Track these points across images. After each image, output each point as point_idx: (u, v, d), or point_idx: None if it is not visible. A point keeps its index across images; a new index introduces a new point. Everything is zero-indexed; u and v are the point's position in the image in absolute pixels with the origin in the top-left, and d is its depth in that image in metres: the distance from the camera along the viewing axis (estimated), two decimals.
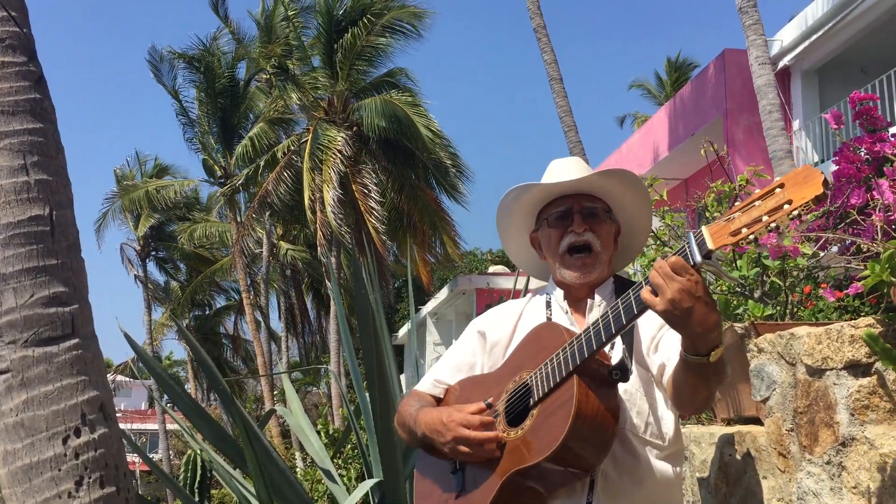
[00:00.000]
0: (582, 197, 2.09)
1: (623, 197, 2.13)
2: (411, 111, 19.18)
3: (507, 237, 2.26)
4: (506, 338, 2.15)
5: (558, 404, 1.79)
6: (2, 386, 2.25)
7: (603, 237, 2.07)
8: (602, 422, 1.78)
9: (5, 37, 2.40)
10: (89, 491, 2.23)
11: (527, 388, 1.90)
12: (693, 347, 1.69)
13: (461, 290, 21.73)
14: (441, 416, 1.97)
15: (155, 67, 24.41)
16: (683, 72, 26.65)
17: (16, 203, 2.31)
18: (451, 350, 2.27)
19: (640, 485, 1.91)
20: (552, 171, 2.15)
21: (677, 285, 1.62)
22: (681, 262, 1.63)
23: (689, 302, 1.62)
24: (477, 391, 2.06)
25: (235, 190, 22.59)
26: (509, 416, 1.91)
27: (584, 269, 2.05)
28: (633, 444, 1.92)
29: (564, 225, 2.07)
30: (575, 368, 1.78)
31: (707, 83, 14.59)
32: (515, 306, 2.22)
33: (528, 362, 1.93)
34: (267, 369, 24.79)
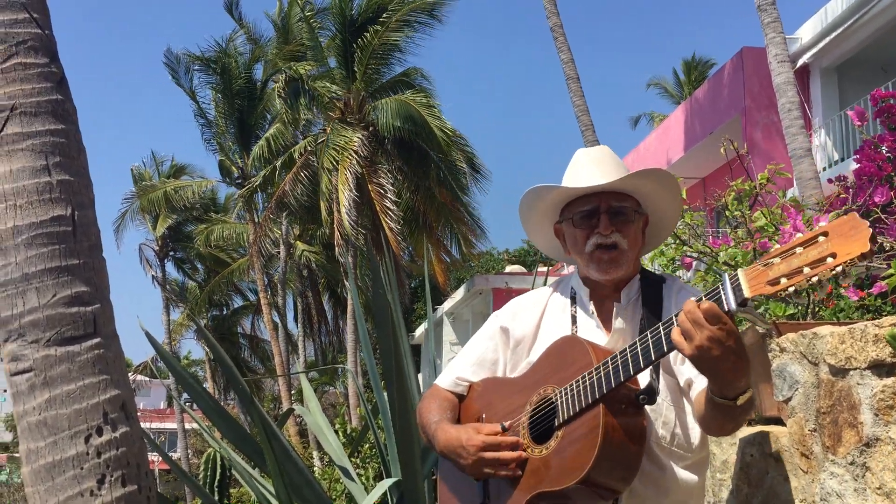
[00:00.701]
0: (609, 195, 2.00)
1: (654, 193, 2.06)
2: (426, 111, 19.18)
3: (530, 228, 2.20)
4: (530, 335, 2.10)
5: (584, 431, 1.76)
6: (25, 385, 2.27)
7: (630, 237, 2.00)
8: (627, 453, 1.76)
9: (27, 38, 2.42)
10: (111, 489, 2.24)
11: (551, 406, 1.86)
12: (719, 392, 1.66)
13: (478, 289, 21.71)
14: (460, 437, 1.94)
15: (172, 69, 24.57)
16: (701, 70, 26.52)
17: (38, 203, 2.33)
18: (472, 345, 2.22)
19: (665, 495, 1.88)
20: (579, 166, 2.07)
21: (707, 333, 1.57)
22: (713, 310, 1.56)
23: (718, 351, 1.57)
24: (499, 395, 2.04)
25: (253, 190, 22.69)
26: (534, 432, 1.88)
27: (611, 264, 1.98)
28: (658, 455, 1.89)
29: (591, 225, 2.00)
30: (601, 396, 1.75)
31: (725, 81, 14.50)
32: (538, 299, 2.16)
33: (552, 376, 1.90)
34: (284, 369, 24.90)
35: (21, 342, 2.27)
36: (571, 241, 2.06)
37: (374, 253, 16.61)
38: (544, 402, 1.88)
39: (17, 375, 2.28)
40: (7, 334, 2.29)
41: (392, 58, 20.29)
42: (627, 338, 1.95)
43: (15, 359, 2.28)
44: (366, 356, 4.52)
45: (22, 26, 2.42)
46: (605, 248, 1.98)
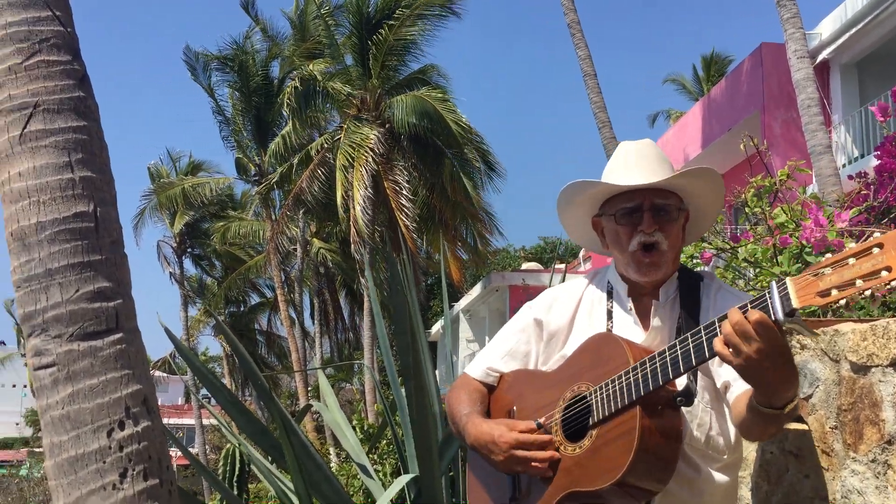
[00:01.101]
0: (653, 192, 1.96)
1: (698, 191, 2.02)
2: (441, 107, 19.18)
3: (566, 219, 2.16)
4: (564, 328, 2.07)
5: (619, 433, 1.75)
6: (48, 379, 2.29)
7: (672, 236, 1.96)
8: (664, 453, 1.75)
9: (50, 36, 2.44)
10: (133, 483, 2.26)
11: (585, 404, 1.85)
12: (766, 402, 1.62)
13: (494, 287, 21.72)
14: (492, 433, 1.92)
15: (191, 67, 24.73)
16: (720, 66, 26.36)
17: (61, 200, 2.34)
18: (504, 335, 2.18)
19: (699, 497, 1.87)
20: (624, 160, 2.02)
21: (756, 346, 1.52)
22: (764, 322, 1.51)
23: (767, 363, 1.54)
24: (531, 388, 2.02)
25: (270, 187, 22.78)
26: (566, 429, 1.87)
27: (651, 267, 1.95)
28: (692, 457, 1.87)
29: (633, 223, 1.95)
30: (638, 399, 1.73)
31: (744, 78, 14.40)
32: (573, 291, 2.13)
33: (587, 373, 1.88)
34: (301, 365, 24.99)
35: (44, 337, 2.29)
36: (613, 237, 2.02)
37: (391, 250, 16.64)
38: (578, 400, 1.86)
39: (41, 370, 2.30)
40: (31, 329, 2.31)
41: (408, 54, 20.30)
42: (665, 336, 1.93)
43: (38, 353, 2.30)
44: (383, 353, 4.53)
45: (45, 24, 2.44)
46: (647, 250, 1.94)
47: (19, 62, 2.39)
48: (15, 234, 2.35)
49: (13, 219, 2.35)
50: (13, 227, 2.35)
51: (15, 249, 2.35)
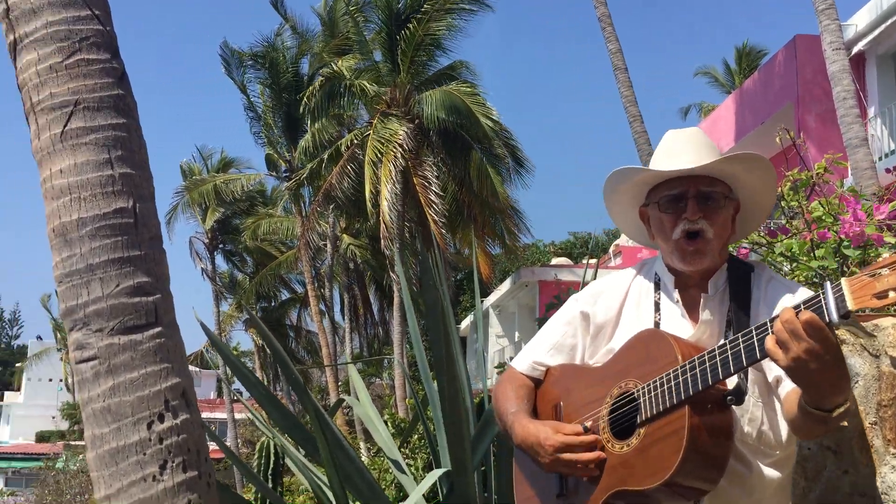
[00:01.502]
0: (699, 179, 1.91)
1: (746, 179, 1.96)
2: (471, 101, 19.16)
3: (613, 208, 2.13)
4: (611, 321, 2.03)
5: (668, 432, 1.73)
6: (90, 372, 2.33)
7: (718, 224, 1.91)
8: (714, 454, 1.72)
9: (90, 35, 2.48)
10: (173, 475, 2.30)
11: (633, 402, 1.82)
12: (815, 403, 1.59)
13: (524, 282, 21.68)
14: (538, 435, 1.90)
15: (226, 62, 25.01)
16: (753, 59, 26.05)
17: (101, 196, 2.38)
18: (550, 328, 2.15)
19: (750, 493, 1.83)
20: (669, 147, 1.99)
21: (805, 346, 1.49)
22: (815, 322, 1.48)
23: (816, 364, 1.50)
24: (578, 384, 2.00)
25: (300, 183, 22.93)
26: (613, 427, 1.85)
27: (696, 255, 1.90)
28: (743, 453, 1.83)
29: (678, 210, 1.91)
30: (687, 398, 1.70)
31: (777, 70, 14.23)
32: (620, 284, 2.09)
33: (634, 370, 1.85)
34: (331, 360, 25.14)
35: (86, 331, 2.33)
36: (657, 225, 1.98)
37: (422, 245, 16.67)
38: (625, 397, 1.84)
39: (83, 363, 2.34)
40: (73, 323, 2.36)
41: (437, 49, 20.30)
42: (714, 330, 1.90)
43: (80, 347, 2.34)
44: (415, 347, 4.55)
45: (84, 23, 2.48)
46: (691, 238, 1.90)
47: (60, 61, 2.43)
48: (57, 230, 2.39)
49: (55, 215, 2.40)
50: (55, 224, 2.40)
51: (57, 245, 2.39)
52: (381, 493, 3.84)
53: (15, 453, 50.52)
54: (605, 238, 34.98)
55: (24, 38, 2.46)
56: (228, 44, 25.23)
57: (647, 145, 11.97)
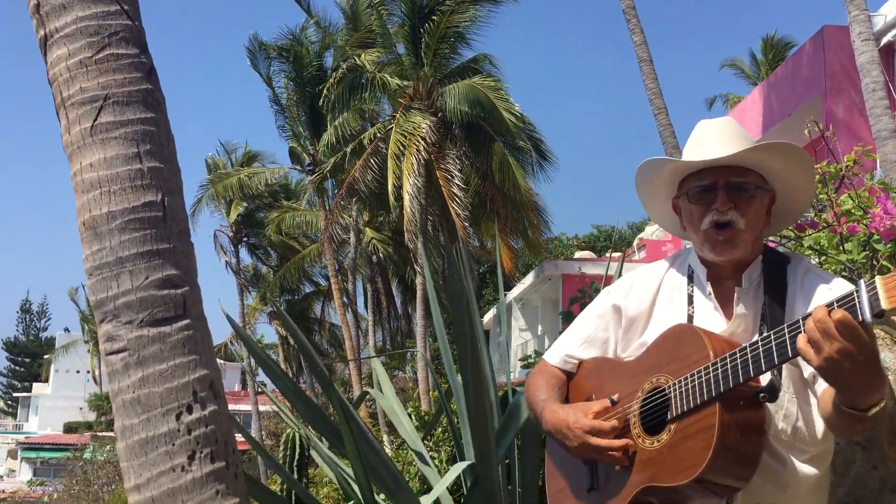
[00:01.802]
0: (730, 170, 1.89)
1: (781, 169, 1.92)
2: (493, 95, 19.12)
3: (646, 200, 2.11)
4: (644, 314, 2.02)
5: (698, 429, 1.72)
6: (119, 364, 2.36)
7: (750, 215, 1.88)
8: (745, 452, 1.71)
9: (119, 30, 2.50)
10: (201, 465, 2.32)
11: (664, 397, 1.82)
12: (849, 403, 1.57)
13: (547, 275, 21.63)
14: (567, 419, 1.90)
15: (252, 55, 25.19)
16: (780, 50, 25.79)
17: (130, 190, 2.41)
18: (582, 321, 2.15)
19: (784, 490, 1.81)
20: (699, 138, 1.97)
21: (837, 346, 1.47)
22: (847, 322, 1.46)
23: (849, 364, 1.48)
24: (611, 378, 1.99)
25: (323, 177, 23.02)
26: (645, 422, 1.85)
27: (726, 245, 1.87)
28: (777, 450, 1.81)
29: (708, 201, 1.89)
30: (718, 395, 1.69)
31: (805, 61, 14.07)
32: (653, 276, 2.07)
33: (666, 365, 1.84)
34: (355, 353, 25.25)
35: (116, 323, 2.36)
36: (688, 217, 1.96)
37: (447, 238, 16.68)
38: (657, 392, 1.83)
39: (113, 355, 2.37)
40: (103, 315, 2.39)
41: (460, 42, 20.28)
42: (748, 324, 1.88)
43: (110, 339, 2.37)
44: (439, 340, 4.55)
45: (113, 18, 2.50)
46: (720, 228, 1.87)
47: (90, 56, 2.46)
48: (87, 224, 2.42)
49: (85, 208, 2.43)
50: (85, 217, 2.43)
51: (87, 238, 2.42)
52: (405, 485, 3.85)
53: (43, 444, 51.29)
54: (629, 231, 34.82)
55: (55, 34, 2.49)
56: (257, 36, 25.42)
57: (672, 137, 11.89)
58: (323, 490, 12.39)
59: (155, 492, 2.30)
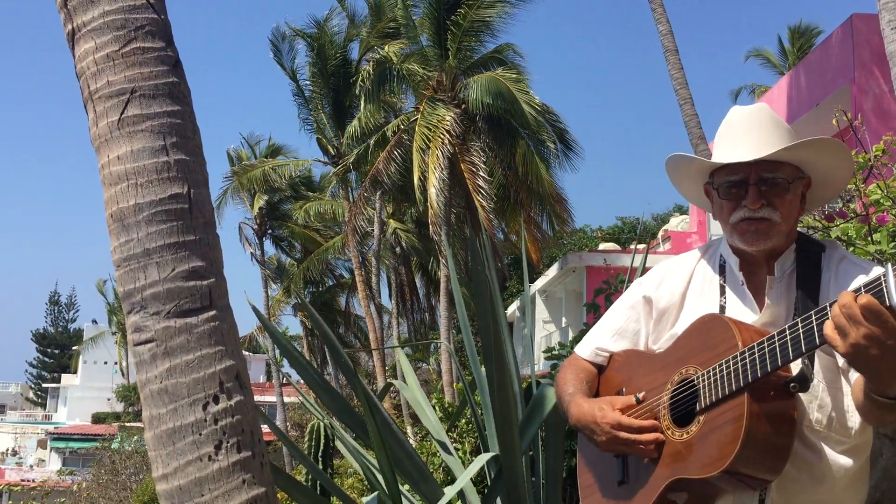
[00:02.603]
0: (761, 165, 1.84)
1: (818, 161, 1.89)
2: (514, 88, 19.04)
3: (679, 185, 2.08)
4: (675, 305, 2.00)
5: (726, 419, 1.70)
6: (147, 354, 2.39)
7: (784, 208, 1.85)
8: (775, 443, 1.69)
9: (145, 23, 2.52)
10: (227, 455, 2.34)
11: (693, 388, 1.81)
12: (877, 390, 1.55)
13: (571, 267, 21.56)
14: (594, 413, 1.90)
15: (276, 47, 25.24)
16: (807, 39, 25.47)
17: (157, 182, 2.43)
18: (613, 313, 2.13)
19: (820, 482, 1.78)
20: (730, 130, 1.92)
21: (864, 331, 1.45)
22: (873, 306, 1.44)
23: (876, 350, 1.45)
24: (640, 371, 1.98)
25: (347, 169, 23.08)
26: (674, 413, 1.84)
27: (758, 235, 1.84)
28: (812, 440, 1.78)
29: (738, 196, 1.86)
30: (746, 385, 1.67)
31: (833, 50, 13.88)
32: (685, 266, 2.04)
33: (695, 356, 1.83)
34: (379, 345, 25.33)
35: (143, 314, 2.39)
36: (717, 209, 1.94)
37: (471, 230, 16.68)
38: (686, 384, 1.82)
39: (140, 346, 2.40)
40: (130, 306, 2.42)
41: (484, 33, 20.21)
42: (781, 314, 1.85)
43: (138, 330, 2.40)
44: (463, 332, 4.56)
45: (140, 12, 2.52)
46: (752, 221, 1.84)
47: (117, 49, 2.48)
48: (115, 216, 2.45)
49: (113, 201, 2.45)
50: (113, 209, 2.45)
51: (115, 230, 2.45)
52: (430, 476, 3.87)
53: (72, 434, 52.02)
54: (654, 223, 34.58)
55: (82, 28, 2.51)
56: (279, 28, 25.47)
57: (697, 128, 11.79)
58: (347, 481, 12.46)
59: (182, 481, 2.33)
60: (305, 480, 4.58)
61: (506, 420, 3.50)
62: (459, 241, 21.09)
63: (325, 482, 4.11)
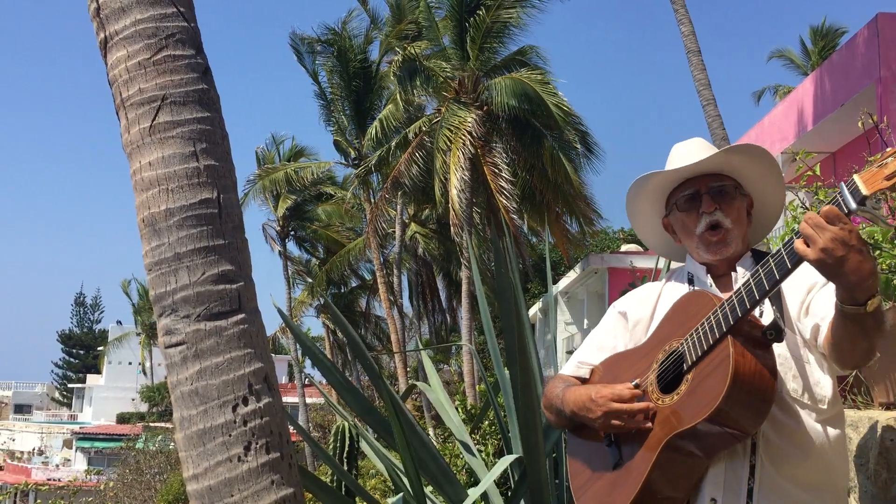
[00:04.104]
0: (709, 177, 2.09)
1: (750, 171, 2.11)
2: (541, 88, 19.02)
3: (638, 224, 2.29)
4: (646, 317, 2.17)
5: (714, 365, 1.79)
6: (178, 357, 2.43)
7: (733, 214, 2.07)
8: (760, 381, 1.77)
9: (175, 31, 2.57)
10: (256, 456, 2.38)
11: (678, 356, 1.90)
12: (849, 297, 1.66)
13: (593, 268, 21.48)
14: (589, 392, 2.01)
15: (297, 51, 25.38)
16: (830, 38, 25.24)
17: (188, 187, 2.48)
18: (594, 333, 2.30)
19: (801, 448, 1.88)
20: (675, 155, 2.17)
21: (829, 234, 1.61)
22: (833, 211, 1.61)
23: (842, 251, 1.61)
24: (623, 365, 2.08)
25: (368, 171, 23.15)
26: (662, 384, 1.92)
27: (719, 245, 2.05)
28: (792, 406, 1.90)
29: (695, 207, 2.08)
30: (728, 329, 1.78)
31: (858, 50, 13.75)
32: (653, 287, 2.26)
33: (677, 331, 1.94)
34: (400, 347, 25.38)
35: (174, 317, 2.43)
36: (680, 226, 2.13)
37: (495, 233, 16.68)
38: (672, 354, 1.93)
39: (171, 348, 2.44)
40: (161, 310, 2.46)
41: (506, 35, 20.20)
42: None
43: (169, 332, 2.44)
44: (486, 334, 4.57)
45: (170, 20, 2.57)
46: (713, 230, 2.05)
47: (148, 57, 2.53)
48: (146, 220, 2.50)
49: (144, 206, 2.50)
50: (144, 214, 2.50)
51: (146, 235, 2.50)
52: (454, 477, 3.89)
53: (97, 434, 52.52)
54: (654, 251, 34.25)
55: (114, 36, 2.57)
56: (297, 33, 25.61)
57: (720, 129, 11.73)
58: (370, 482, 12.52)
59: (212, 481, 2.37)
60: (331, 481, 4.62)
61: (530, 422, 3.52)
62: (483, 243, 21.09)
63: (351, 484, 4.15)
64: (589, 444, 2.07)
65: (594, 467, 2.07)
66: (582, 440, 2.11)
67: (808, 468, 1.87)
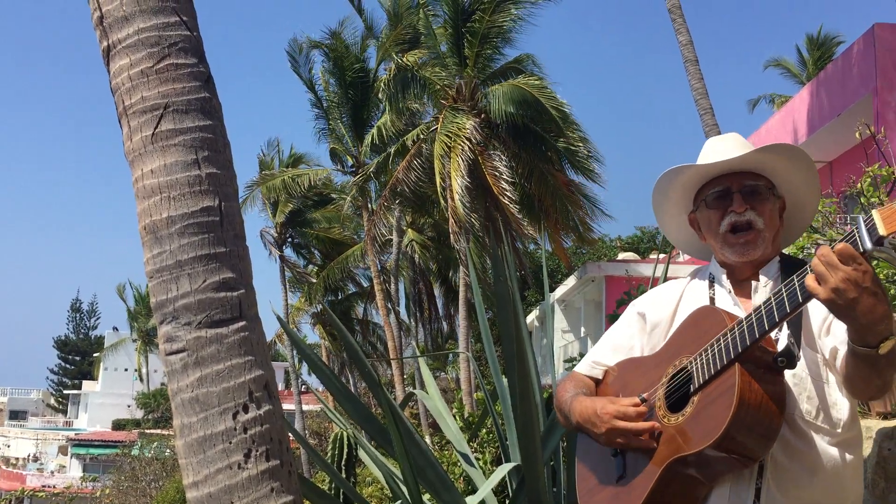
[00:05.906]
0: (742, 175, 2.00)
1: (787, 173, 2.02)
2: (539, 94, 19.06)
3: (663, 218, 2.21)
4: (666, 319, 2.10)
5: (720, 392, 1.76)
6: (178, 364, 2.44)
7: (766, 215, 1.98)
8: (766, 411, 1.73)
9: (178, 40, 2.58)
10: (256, 463, 2.39)
11: (687, 374, 1.87)
12: (860, 339, 1.62)
13: (590, 277, 21.52)
14: (595, 406, 1.97)
15: (293, 58, 25.39)
16: (827, 48, 25.34)
17: (189, 195, 2.49)
18: (609, 332, 2.24)
19: (812, 472, 1.83)
20: (709, 149, 2.07)
21: (842, 275, 1.55)
22: (848, 250, 1.55)
23: (855, 293, 1.55)
24: (635, 374, 2.05)
25: (366, 178, 23.16)
26: (670, 402, 1.89)
27: (747, 246, 1.97)
28: (803, 429, 1.84)
29: (724, 205, 1.99)
30: (737, 356, 1.74)
31: (854, 59, 13.80)
32: (676, 286, 2.17)
33: (688, 346, 1.90)
34: (398, 354, 25.35)
35: (175, 324, 2.44)
36: (706, 224, 2.05)
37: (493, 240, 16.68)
38: (680, 372, 1.89)
39: (172, 355, 2.45)
40: (162, 317, 2.47)
41: (502, 42, 20.25)
42: None
43: (170, 340, 2.45)
44: (485, 342, 4.58)
45: (173, 29, 2.58)
46: (740, 231, 1.97)
47: (150, 66, 2.54)
48: (148, 228, 2.50)
49: (146, 213, 2.51)
50: (146, 221, 2.51)
51: (148, 242, 2.51)
52: (452, 485, 3.90)
53: (93, 440, 52.36)
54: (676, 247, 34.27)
55: (117, 45, 2.58)
56: (297, 40, 25.64)
57: None
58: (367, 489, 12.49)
59: (212, 488, 2.37)
60: (329, 489, 4.62)
61: (528, 430, 3.52)
62: (483, 250, 21.09)
63: (348, 491, 4.16)
64: (598, 448, 2.05)
65: (599, 476, 2.06)
66: (592, 442, 2.08)
67: (816, 490, 1.83)
